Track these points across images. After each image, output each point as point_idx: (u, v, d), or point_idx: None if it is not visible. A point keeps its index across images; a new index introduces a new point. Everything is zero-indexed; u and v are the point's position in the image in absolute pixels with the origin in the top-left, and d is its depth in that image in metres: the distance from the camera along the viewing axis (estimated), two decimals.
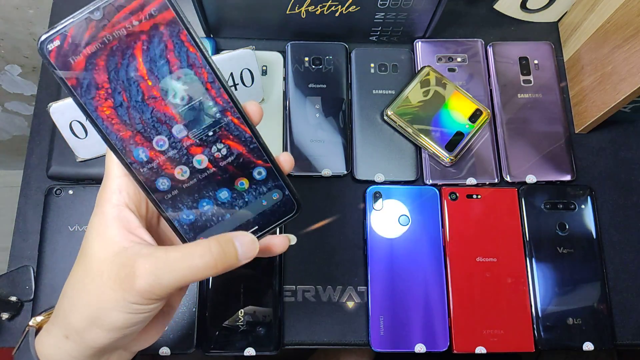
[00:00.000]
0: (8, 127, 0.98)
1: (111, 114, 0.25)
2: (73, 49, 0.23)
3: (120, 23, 0.23)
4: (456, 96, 0.52)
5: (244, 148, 0.28)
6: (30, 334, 0.29)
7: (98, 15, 0.22)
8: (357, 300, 0.48)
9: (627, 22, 0.46)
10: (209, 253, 0.26)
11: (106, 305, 0.26)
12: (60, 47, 0.23)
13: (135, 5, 0.22)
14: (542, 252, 0.49)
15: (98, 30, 0.23)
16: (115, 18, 0.23)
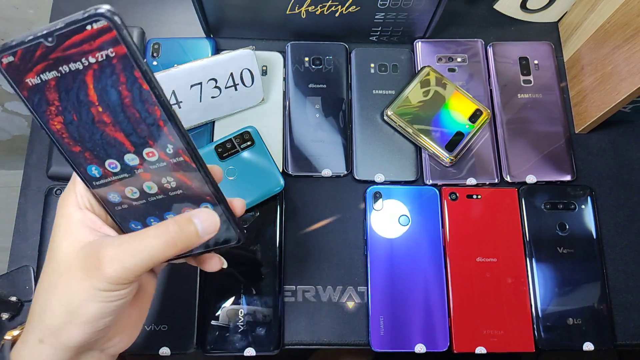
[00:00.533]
0: (8, 127, 0.98)
1: (62, 129, 0.26)
2: (25, 67, 0.23)
3: (72, 50, 0.23)
4: (456, 96, 0.52)
5: (193, 184, 0.28)
6: (5, 348, 0.29)
7: (51, 41, 0.22)
8: (357, 301, 0.48)
9: (627, 22, 0.46)
10: (167, 232, 0.27)
11: (78, 297, 0.26)
12: (13, 63, 0.23)
13: (86, 35, 0.22)
14: (542, 252, 0.49)
15: (50, 53, 0.23)
16: (67, 44, 0.22)
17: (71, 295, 0.26)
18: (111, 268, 0.25)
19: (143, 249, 0.26)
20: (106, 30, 0.22)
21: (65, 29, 0.22)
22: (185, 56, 0.54)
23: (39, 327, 0.27)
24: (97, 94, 0.24)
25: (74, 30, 0.22)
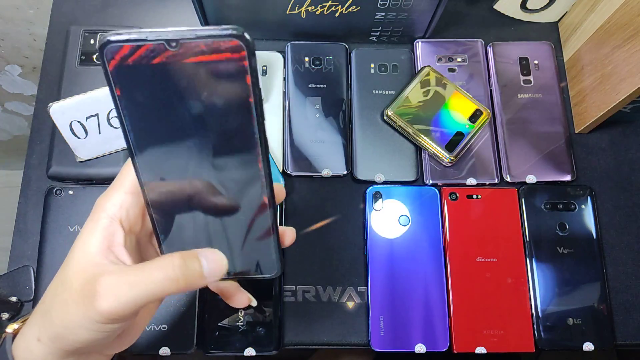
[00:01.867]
0: (8, 127, 0.98)
1: (146, 136, 0.25)
2: (135, 64, 0.22)
3: (191, 59, 0.22)
4: (456, 96, 0.52)
5: (257, 214, 0.28)
6: (7, 341, 0.29)
7: (174, 45, 0.22)
8: (357, 301, 0.48)
9: (627, 22, 0.46)
10: (171, 267, 0.25)
11: (73, 320, 0.25)
12: (123, 58, 0.22)
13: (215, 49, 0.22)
14: (542, 252, 0.49)
15: (166, 58, 0.22)
16: (189, 52, 0.22)
17: (69, 314, 0.26)
18: (106, 302, 0.24)
19: (141, 282, 0.25)
20: (236, 51, 0.22)
21: (195, 39, 0.21)
22: None
23: (39, 326, 0.27)
24: (199, 109, 0.23)
25: (205, 43, 0.21)
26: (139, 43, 0.22)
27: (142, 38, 0.21)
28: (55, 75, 0.54)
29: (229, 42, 0.21)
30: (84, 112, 0.47)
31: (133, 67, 0.22)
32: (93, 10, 0.57)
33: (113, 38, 0.22)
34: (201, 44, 0.22)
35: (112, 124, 0.48)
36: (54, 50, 0.55)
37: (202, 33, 0.21)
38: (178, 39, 0.21)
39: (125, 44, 0.22)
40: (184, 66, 0.22)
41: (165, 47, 0.22)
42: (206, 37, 0.21)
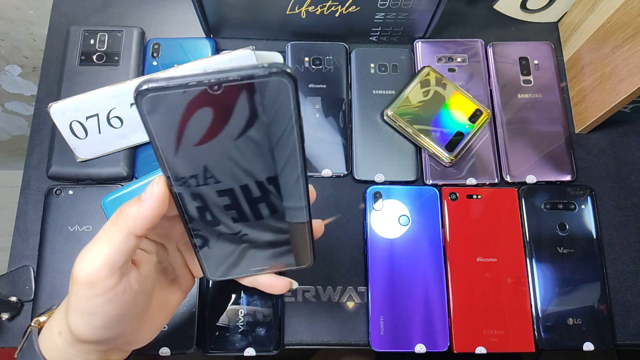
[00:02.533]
0: (8, 127, 0.98)
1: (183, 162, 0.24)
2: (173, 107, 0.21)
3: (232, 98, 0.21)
4: (456, 96, 0.52)
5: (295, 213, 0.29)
6: (33, 333, 0.30)
7: (216, 89, 0.21)
8: (357, 301, 0.48)
9: (627, 22, 0.46)
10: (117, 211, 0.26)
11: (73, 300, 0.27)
12: (158, 101, 0.21)
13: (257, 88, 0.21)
14: (542, 252, 0.49)
15: (210, 100, 0.21)
16: (231, 94, 0.21)
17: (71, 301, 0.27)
18: (80, 269, 0.26)
19: (101, 238, 0.26)
20: (282, 88, 0.21)
21: (239, 81, 0.21)
22: (185, 56, 0.54)
23: (61, 320, 0.29)
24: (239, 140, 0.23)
25: (248, 84, 0.21)
26: (179, 90, 0.21)
27: (183, 84, 0.20)
28: (55, 75, 0.54)
29: (273, 79, 0.21)
30: (84, 112, 0.47)
31: (172, 113, 0.22)
32: (93, 10, 0.57)
33: (151, 86, 0.20)
34: (245, 84, 0.21)
35: (112, 124, 0.49)
36: (53, 50, 0.55)
37: (245, 73, 0.20)
38: (221, 82, 0.20)
39: (164, 92, 0.21)
40: (227, 107, 0.22)
41: (208, 92, 0.21)
42: (249, 76, 0.21)
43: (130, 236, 0.26)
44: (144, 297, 0.29)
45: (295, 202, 0.28)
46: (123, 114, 0.48)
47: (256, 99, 0.22)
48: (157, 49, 0.54)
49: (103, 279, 0.25)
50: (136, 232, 0.26)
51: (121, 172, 0.50)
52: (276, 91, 0.21)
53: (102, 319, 0.27)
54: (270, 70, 0.21)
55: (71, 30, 0.53)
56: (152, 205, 0.25)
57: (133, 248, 0.26)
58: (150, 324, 0.31)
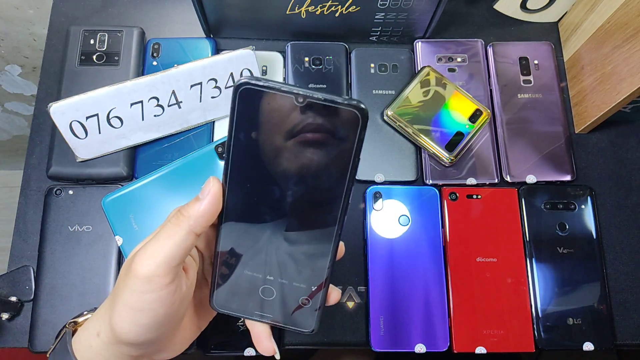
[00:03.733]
0: (8, 127, 0.98)
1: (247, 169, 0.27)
2: (260, 105, 0.25)
3: (310, 118, 0.25)
4: (456, 96, 0.52)
5: (316, 264, 0.29)
6: (67, 335, 0.31)
7: (301, 101, 0.24)
8: (357, 301, 0.48)
9: (627, 22, 0.46)
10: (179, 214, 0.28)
11: (120, 304, 0.27)
12: (252, 96, 0.24)
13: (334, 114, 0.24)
14: (542, 252, 0.49)
15: (291, 109, 0.24)
16: (310, 112, 0.24)
17: (118, 298, 0.27)
18: (141, 265, 0.26)
19: (163, 236, 0.27)
20: (352, 120, 0.24)
21: (321, 101, 0.24)
22: (185, 56, 0.54)
23: (101, 321, 0.29)
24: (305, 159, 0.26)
25: (327, 107, 0.24)
26: (272, 92, 0.24)
27: (276, 87, 0.24)
28: (55, 75, 0.54)
29: (348, 110, 0.24)
30: (84, 112, 0.47)
31: (258, 110, 0.25)
32: (93, 10, 0.57)
33: (251, 81, 0.24)
34: (323, 105, 0.24)
35: (111, 124, 0.49)
36: (54, 50, 0.55)
37: (328, 97, 0.24)
38: (306, 96, 0.24)
39: (260, 89, 0.24)
40: (304, 120, 0.25)
41: (293, 101, 0.24)
42: (330, 101, 0.24)
43: (190, 234, 0.27)
44: (186, 303, 0.30)
45: (321, 254, 0.29)
46: (123, 114, 0.48)
47: (330, 121, 0.25)
48: (157, 49, 0.54)
49: (161, 275, 0.27)
50: (196, 230, 0.27)
51: (121, 172, 0.50)
52: (347, 120, 0.24)
53: (149, 317, 0.27)
54: (350, 102, 0.24)
55: (71, 30, 0.53)
56: (210, 202, 0.27)
57: (190, 247, 0.28)
58: (183, 334, 0.32)
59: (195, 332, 0.33)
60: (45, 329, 0.46)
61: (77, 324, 0.32)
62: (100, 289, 0.47)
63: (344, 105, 0.24)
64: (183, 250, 0.27)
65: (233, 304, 0.31)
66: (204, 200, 0.27)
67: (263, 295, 0.31)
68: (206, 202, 0.27)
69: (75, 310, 0.46)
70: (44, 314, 0.46)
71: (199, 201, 0.27)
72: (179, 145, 0.51)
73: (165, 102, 0.49)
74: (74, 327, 0.32)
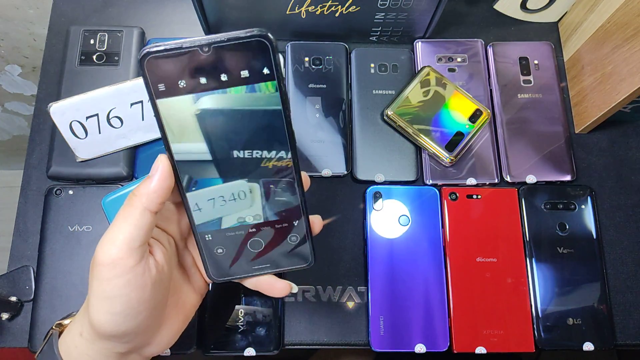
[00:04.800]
0: (8, 127, 0.98)
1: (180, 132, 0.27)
2: (170, 70, 0.25)
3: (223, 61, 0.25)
4: (456, 96, 0.52)
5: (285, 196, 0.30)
6: (53, 337, 0.31)
7: (207, 51, 0.24)
8: (357, 301, 0.48)
9: (627, 22, 0.46)
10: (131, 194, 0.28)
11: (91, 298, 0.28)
12: (159, 64, 0.25)
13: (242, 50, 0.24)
14: (542, 252, 0.49)
15: (201, 62, 0.25)
16: (221, 56, 0.24)
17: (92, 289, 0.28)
18: (101, 250, 0.27)
19: (119, 219, 0.27)
20: (261, 50, 0.24)
21: (225, 42, 0.24)
22: None
23: (81, 321, 0.29)
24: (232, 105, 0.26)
25: (232, 46, 0.24)
26: (176, 52, 0.24)
27: (177, 47, 0.24)
28: (55, 75, 0.54)
29: (255, 40, 0.24)
30: (83, 112, 0.47)
31: (170, 74, 0.25)
32: (93, 10, 0.57)
33: (152, 49, 0.24)
34: (229, 45, 0.24)
35: (112, 124, 0.49)
36: (53, 50, 0.55)
37: (231, 36, 0.24)
38: (209, 43, 0.24)
39: (163, 54, 0.24)
40: (217, 66, 0.25)
41: (199, 52, 0.24)
42: (234, 39, 0.24)
43: (145, 212, 0.27)
44: (161, 288, 0.30)
45: (287, 185, 0.29)
46: (123, 114, 0.48)
47: (240, 57, 0.25)
48: None
49: (124, 258, 0.27)
50: (150, 208, 0.27)
51: (121, 172, 0.50)
52: (257, 51, 0.24)
53: (122, 303, 0.27)
54: (253, 33, 0.24)
55: (71, 30, 0.53)
56: (160, 178, 0.27)
57: (149, 225, 0.28)
58: (168, 325, 0.32)
59: (182, 323, 0.33)
60: (45, 329, 0.46)
61: (64, 325, 0.32)
62: None
63: (248, 38, 0.24)
64: (142, 230, 0.27)
65: (229, 270, 0.32)
66: (154, 176, 0.27)
67: (252, 249, 0.31)
68: (156, 178, 0.27)
69: (75, 310, 0.46)
70: (43, 314, 0.46)
71: (149, 179, 0.28)
72: None
73: None
74: (61, 329, 0.32)
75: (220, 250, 0.31)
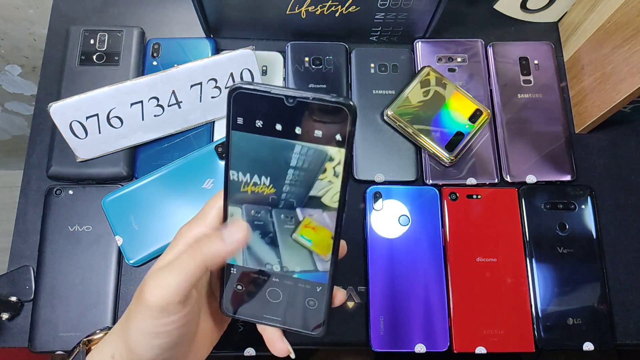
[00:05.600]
0: (8, 127, 0.98)
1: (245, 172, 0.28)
2: (253, 108, 0.26)
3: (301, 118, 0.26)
4: (456, 96, 0.52)
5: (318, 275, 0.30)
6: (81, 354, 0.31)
7: (291, 102, 0.25)
8: (357, 301, 0.48)
9: (627, 22, 0.46)
10: (197, 245, 0.28)
11: (135, 330, 0.27)
12: (244, 102, 0.26)
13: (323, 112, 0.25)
14: (542, 252, 0.49)
15: (282, 110, 0.25)
16: (301, 111, 0.25)
17: (133, 323, 0.27)
18: (152, 293, 0.26)
19: (177, 268, 0.27)
20: (341, 118, 0.25)
21: (310, 100, 0.25)
22: (185, 56, 0.54)
23: (115, 344, 0.29)
24: (298, 159, 0.27)
25: (316, 105, 0.25)
26: (263, 93, 0.25)
27: (267, 90, 0.25)
28: (55, 75, 0.54)
29: (337, 107, 0.25)
30: (84, 112, 0.47)
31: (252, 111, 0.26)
32: (93, 10, 0.57)
33: (244, 85, 0.25)
34: (314, 104, 0.25)
35: (111, 124, 0.49)
36: (54, 50, 0.55)
37: (317, 96, 0.25)
38: (296, 97, 0.25)
39: (252, 92, 0.25)
40: (295, 118, 0.26)
41: (284, 102, 0.25)
42: (319, 99, 0.25)
43: (205, 270, 0.27)
44: (198, 317, 0.30)
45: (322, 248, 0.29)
46: (123, 114, 0.48)
47: (319, 117, 0.25)
48: (157, 49, 0.54)
49: (174, 304, 0.27)
50: (212, 267, 0.28)
51: (121, 172, 0.50)
52: (337, 117, 0.25)
53: (165, 338, 0.28)
54: (338, 100, 0.25)
55: (71, 30, 0.53)
56: (234, 249, 0.28)
57: (202, 279, 0.28)
58: (196, 350, 0.32)
59: (208, 347, 0.33)
60: (45, 329, 0.46)
61: (91, 342, 0.32)
62: (100, 289, 0.47)
63: (332, 103, 0.25)
64: (196, 280, 0.27)
65: (242, 308, 0.32)
66: (228, 245, 0.28)
67: (270, 297, 0.31)
68: (230, 248, 0.28)
69: (75, 310, 0.46)
70: (43, 314, 0.46)
71: (221, 242, 0.28)
72: (179, 145, 0.51)
73: (165, 102, 0.49)
74: (88, 347, 0.32)
75: (240, 288, 0.31)
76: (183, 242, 0.29)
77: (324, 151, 0.26)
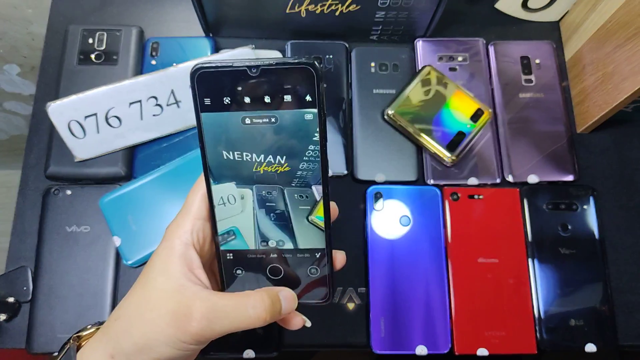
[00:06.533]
0: (6, 127, 0.98)
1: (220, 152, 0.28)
2: (218, 86, 0.26)
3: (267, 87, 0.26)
4: (457, 96, 0.51)
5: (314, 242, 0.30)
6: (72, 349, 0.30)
7: (255, 72, 0.25)
8: (357, 302, 0.48)
9: (628, 21, 0.46)
10: (262, 305, 0.28)
11: (159, 338, 0.27)
12: (208, 79, 0.26)
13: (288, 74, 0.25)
14: (544, 252, 0.48)
15: (246, 81, 0.26)
16: (266, 79, 0.25)
17: (154, 334, 0.27)
18: (199, 325, 0.26)
19: (235, 316, 0.27)
20: (308, 78, 0.25)
21: (273, 66, 0.25)
22: (184, 55, 0.53)
23: (114, 345, 0.28)
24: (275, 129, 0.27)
25: (280, 70, 0.25)
26: (226, 69, 0.25)
27: (228, 65, 0.25)
28: (53, 75, 0.53)
29: (301, 67, 0.25)
30: (82, 112, 0.47)
31: (217, 89, 0.26)
32: (92, 9, 0.57)
33: (204, 64, 0.25)
34: (277, 69, 0.25)
35: (110, 124, 0.48)
36: (52, 49, 0.55)
37: (280, 60, 0.25)
38: (259, 66, 0.25)
39: (211, 69, 0.25)
40: (262, 88, 0.26)
41: (248, 73, 0.25)
42: (282, 64, 0.25)
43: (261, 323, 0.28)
44: None
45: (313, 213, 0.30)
46: (121, 114, 0.48)
47: (285, 82, 0.26)
48: (155, 48, 0.54)
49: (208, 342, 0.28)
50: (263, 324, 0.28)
51: (119, 172, 0.49)
52: (303, 78, 0.25)
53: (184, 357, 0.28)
54: (301, 60, 0.25)
55: (70, 30, 0.53)
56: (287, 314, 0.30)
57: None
58: None
59: None
60: (42, 330, 0.45)
61: (81, 338, 0.31)
62: (98, 290, 0.46)
63: (295, 64, 0.25)
64: None
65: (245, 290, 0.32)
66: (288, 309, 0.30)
67: (271, 275, 0.31)
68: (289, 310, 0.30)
69: (73, 311, 0.46)
70: (41, 315, 0.46)
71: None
72: (177, 145, 0.51)
73: (164, 101, 0.49)
74: (79, 342, 0.31)
75: (239, 272, 0.31)
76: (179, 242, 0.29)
77: (297, 115, 0.26)
